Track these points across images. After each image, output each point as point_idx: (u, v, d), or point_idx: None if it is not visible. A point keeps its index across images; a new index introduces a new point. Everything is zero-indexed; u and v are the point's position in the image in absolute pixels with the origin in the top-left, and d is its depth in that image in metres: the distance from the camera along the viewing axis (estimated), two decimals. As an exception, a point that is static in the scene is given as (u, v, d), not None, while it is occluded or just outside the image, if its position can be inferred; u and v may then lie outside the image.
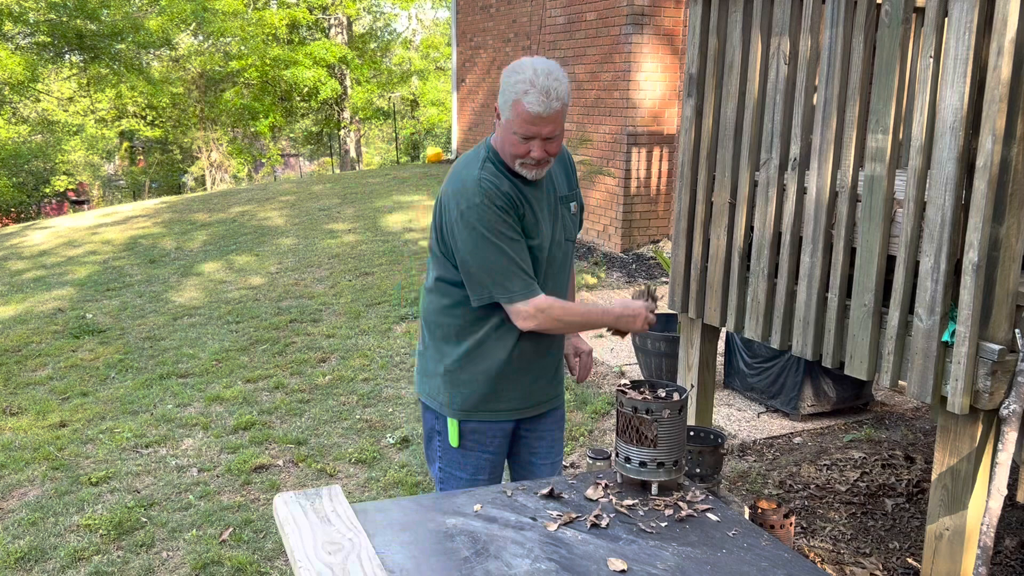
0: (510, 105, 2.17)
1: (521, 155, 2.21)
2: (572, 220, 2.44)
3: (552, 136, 2.20)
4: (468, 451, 2.44)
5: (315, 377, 5.50)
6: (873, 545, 3.40)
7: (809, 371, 4.48)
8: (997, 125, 2.30)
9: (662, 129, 8.11)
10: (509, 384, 2.39)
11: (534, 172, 2.25)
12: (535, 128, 2.16)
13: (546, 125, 2.16)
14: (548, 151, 2.21)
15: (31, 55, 17.88)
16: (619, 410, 2.15)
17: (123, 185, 25.71)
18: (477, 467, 2.46)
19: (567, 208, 2.41)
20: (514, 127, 2.18)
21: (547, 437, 2.57)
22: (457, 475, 2.47)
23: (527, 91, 2.13)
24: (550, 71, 2.17)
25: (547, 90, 2.14)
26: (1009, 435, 2.40)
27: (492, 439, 2.45)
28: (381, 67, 26.00)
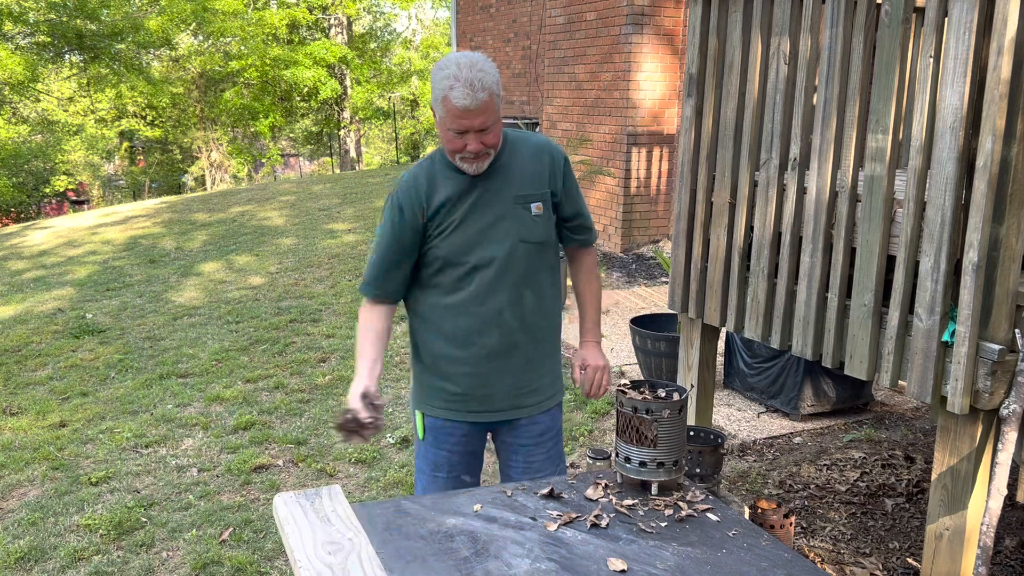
0: (439, 102, 2.17)
1: (458, 150, 2.21)
2: (533, 221, 2.32)
3: (486, 127, 2.17)
4: (429, 445, 2.47)
5: (315, 377, 5.50)
6: (873, 545, 3.40)
7: (809, 371, 4.48)
8: (997, 125, 2.30)
9: (662, 129, 8.12)
10: (455, 382, 2.38)
11: (474, 166, 2.23)
12: (466, 121, 2.15)
13: (476, 117, 2.14)
14: (484, 143, 2.19)
15: (31, 55, 17.88)
16: (619, 410, 2.15)
17: (123, 185, 25.72)
18: (436, 463, 2.47)
19: (526, 208, 2.31)
20: (447, 123, 2.17)
21: (522, 452, 2.47)
22: (421, 468, 2.52)
23: (452, 86, 2.12)
24: (474, 63, 2.14)
25: (471, 82, 2.11)
26: (1009, 435, 2.40)
27: (448, 436, 2.44)
28: (381, 67, 26.02)
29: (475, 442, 2.48)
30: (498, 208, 2.29)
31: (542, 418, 2.47)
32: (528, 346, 2.39)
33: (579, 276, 2.55)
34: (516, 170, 2.32)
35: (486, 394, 2.38)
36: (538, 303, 2.38)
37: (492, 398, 2.39)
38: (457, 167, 2.27)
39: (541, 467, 2.47)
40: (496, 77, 2.18)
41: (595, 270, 2.54)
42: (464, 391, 2.37)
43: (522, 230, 2.30)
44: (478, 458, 2.53)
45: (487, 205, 2.28)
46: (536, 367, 2.42)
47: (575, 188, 2.43)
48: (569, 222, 2.44)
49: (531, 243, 2.32)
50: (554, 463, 2.50)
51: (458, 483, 2.48)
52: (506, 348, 2.35)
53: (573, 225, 2.45)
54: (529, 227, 2.31)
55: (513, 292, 2.32)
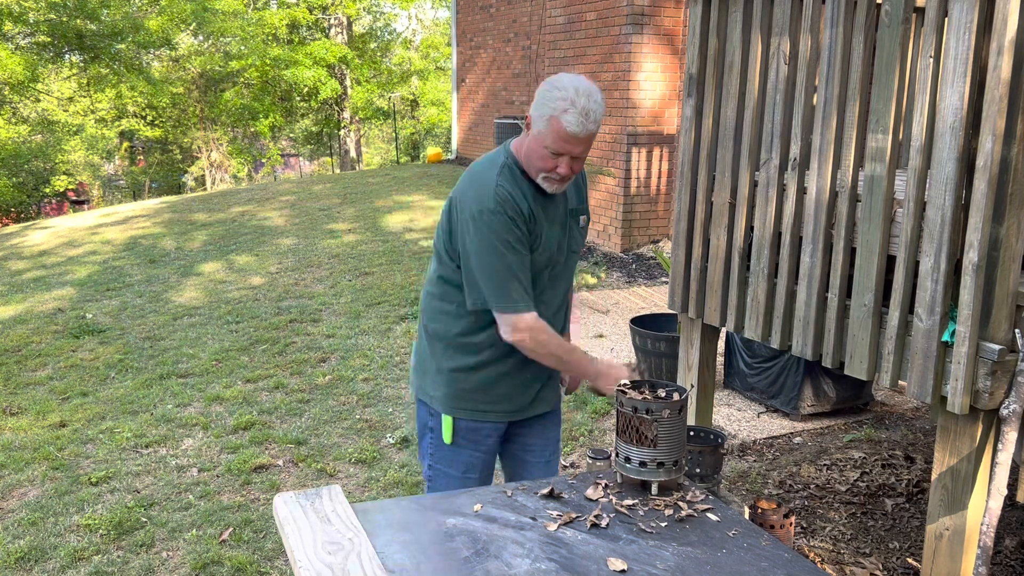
0: (546, 119, 2.17)
1: (547, 169, 2.23)
2: (580, 233, 2.46)
3: (580, 156, 2.22)
4: (460, 448, 2.45)
5: (315, 377, 5.50)
6: (873, 545, 3.40)
7: (809, 371, 4.48)
8: (997, 125, 2.30)
9: (662, 129, 8.12)
10: (507, 386, 2.41)
11: (555, 187, 2.28)
12: (568, 146, 2.18)
13: (578, 145, 2.19)
14: (573, 169, 2.24)
15: (31, 55, 17.89)
16: (619, 410, 2.15)
17: (123, 185, 25.73)
18: (469, 465, 2.47)
19: (576, 221, 2.44)
20: (546, 141, 2.19)
21: (542, 435, 2.58)
22: (448, 472, 2.49)
23: (567, 109, 2.14)
24: (591, 93, 2.17)
25: (587, 111, 2.15)
26: (1009, 435, 2.40)
27: (486, 438, 2.46)
28: (381, 67, 26.02)
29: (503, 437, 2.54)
30: (562, 221, 2.39)
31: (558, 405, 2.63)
32: None
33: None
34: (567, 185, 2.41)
35: (534, 397, 2.48)
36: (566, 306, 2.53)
37: (536, 400, 2.49)
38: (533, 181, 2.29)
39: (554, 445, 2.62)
40: (603, 111, 2.22)
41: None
42: (515, 394, 2.44)
43: (573, 242, 2.44)
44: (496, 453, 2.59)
45: (555, 219, 2.36)
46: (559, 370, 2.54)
47: None
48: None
49: (576, 253, 2.48)
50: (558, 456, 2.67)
51: (486, 482, 2.52)
52: None
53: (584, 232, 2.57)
54: (578, 239, 2.46)
55: (561, 298, 2.46)
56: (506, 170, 2.27)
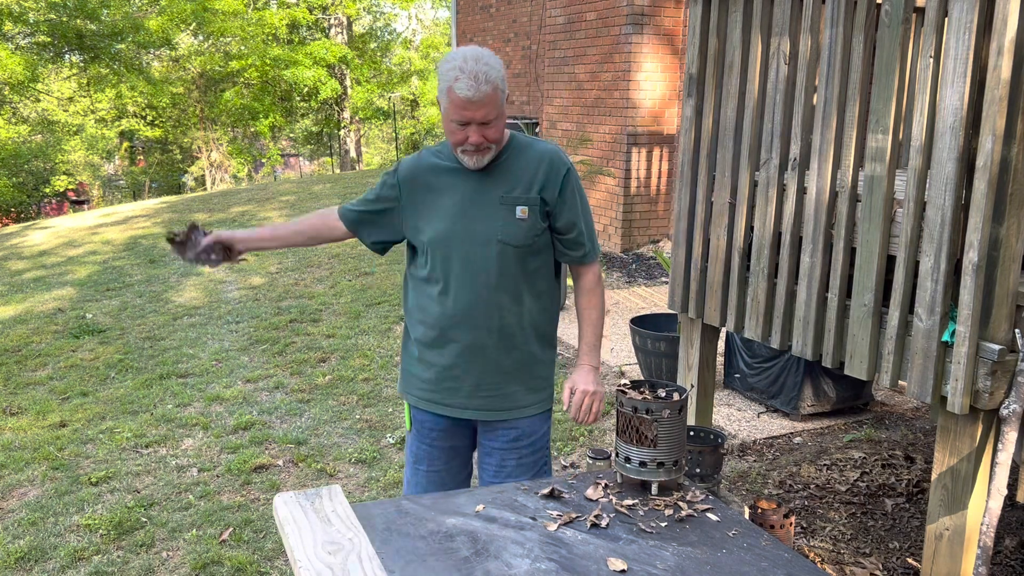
0: (444, 93, 2.21)
1: (460, 142, 2.25)
2: (515, 225, 2.30)
3: (488, 120, 2.21)
4: (413, 437, 2.53)
5: (315, 377, 5.50)
6: (873, 545, 3.40)
7: (809, 371, 4.48)
8: (997, 125, 2.30)
9: (662, 129, 8.11)
10: (423, 368, 2.44)
11: (473, 160, 2.27)
12: (468, 113, 2.19)
13: (479, 109, 2.18)
14: (486, 136, 2.23)
15: (31, 55, 17.89)
16: (619, 410, 2.15)
17: (123, 185, 25.72)
18: (417, 455, 2.52)
19: (510, 210, 2.30)
20: (450, 114, 2.22)
21: (495, 455, 2.45)
22: (408, 459, 2.57)
23: (457, 77, 2.16)
24: (479, 56, 2.19)
25: (475, 74, 2.16)
26: (1009, 435, 2.40)
27: (430, 431, 2.49)
28: (381, 67, 26.02)
29: (455, 438, 2.50)
30: (484, 206, 2.32)
31: (521, 424, 2.43)
32: (499, 350, 2.36)
33: (579, 295, 2.48)
34: (512, 172, 2.32)
35: (452, 387, 2.41)
36: (516, 310, 2.36)
37: (458, 393, 2.42)
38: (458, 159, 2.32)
39: (512, 473, 2.43)
40: (501, 73, 2.21)
41: (597, 291, 2.45)
42: (433, 380, 2.43)
43: (502, 231, 2.30)
44: (460, 456, 2.54)
45: (474, 201, 2.32)
46: (508, 373, 2.39)
47: (576, 201, 2.36)
48: (563, 234, 2.37)
49: (510, 245, 2.30)
50: (527, 471, 2.45)
51: (438, 478, 2.51)
52: (474, 347, 2.36)
53: (567, 239, 2.38)
54: (511, 230, 2.30)
55: (487, 292, 2.32)
56: (438, 145, 2.45)
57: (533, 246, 2.33)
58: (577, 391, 2.38)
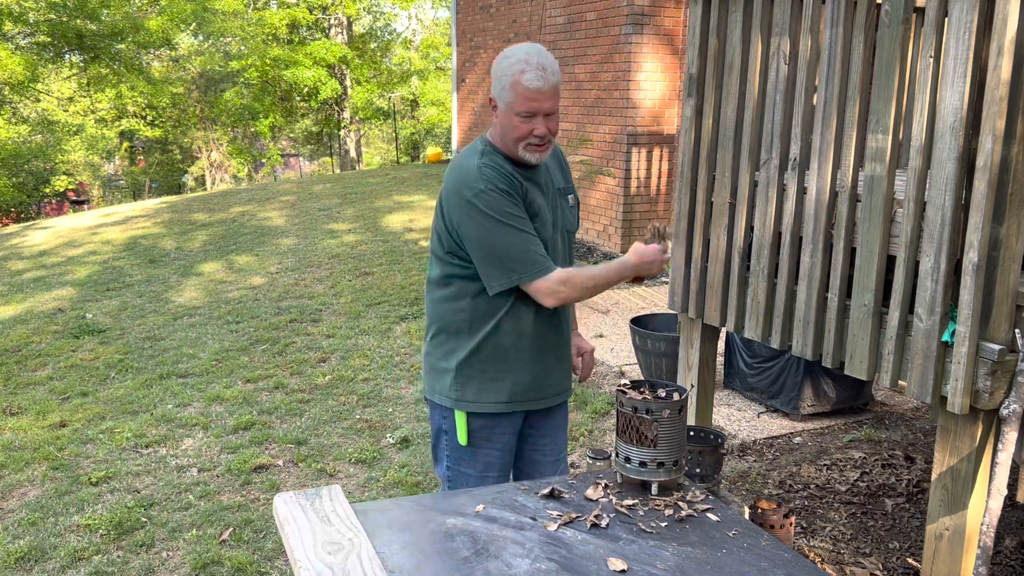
0: (508, 87, 2.22)
1: (524, 136, 2.24)
2: (571, 212, 2.47)
3: (551, 112, 2.25)
4: (477, 448, 2.44)
5: (315, 377, 5.50)
6: (873, 545, 3.40)
7: (809, 371, 4.48)
8: (997, 125, 2.30)
9: (662, 129, 8.11)
10: (522, 374, 2.41)
11: (538, 155, 2.28)
12: (536, 104, 2.21)
13: (546, 100, 2.22)
14: (550, 128, 2.26)
15: (31, 55, 17.88)
16: (619, 410, 2.15)
17: (123, 185, 25.72)
18: (487, 464, 2.46)
19: (565, 200, 2.45)
20: (515, 108, 2.22)
21: (552, 435, 2.58)
22: (466, 472, 2.46)
23: (523, 70, 2.19)
24: (540, 50, 2.24)
25: (543, 65, 2.20)
26: (1009, 435, 2.40)
27: (501, 435, 2.45)
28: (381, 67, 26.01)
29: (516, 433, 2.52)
30: (553, 201, 2.39)
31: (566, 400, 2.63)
32: (568, 333, 2.53)
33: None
34: (551, 166, 2.43)
35: (549, 379, 2.47)
36: None
37: (549, 385, 2.48)
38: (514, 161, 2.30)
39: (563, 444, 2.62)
40: (558, 66, 2.27)
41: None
42: (527, 379, 2.41)
43: (565, 220, 2.43)
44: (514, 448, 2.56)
45: (541, 197, 2.35)
46: (570, 344, 2.56)
47: None
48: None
49: (570, 232, 2.47)
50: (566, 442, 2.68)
51: (504, 479, 2.51)
52: (558, 337, 2.46)
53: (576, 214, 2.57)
54: (570, 218, 2.46)
55: None
56: (486, 155, 2.30)
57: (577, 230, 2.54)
58: (586, 353, 2.67)
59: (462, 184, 2.25)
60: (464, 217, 2.24)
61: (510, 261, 2.24)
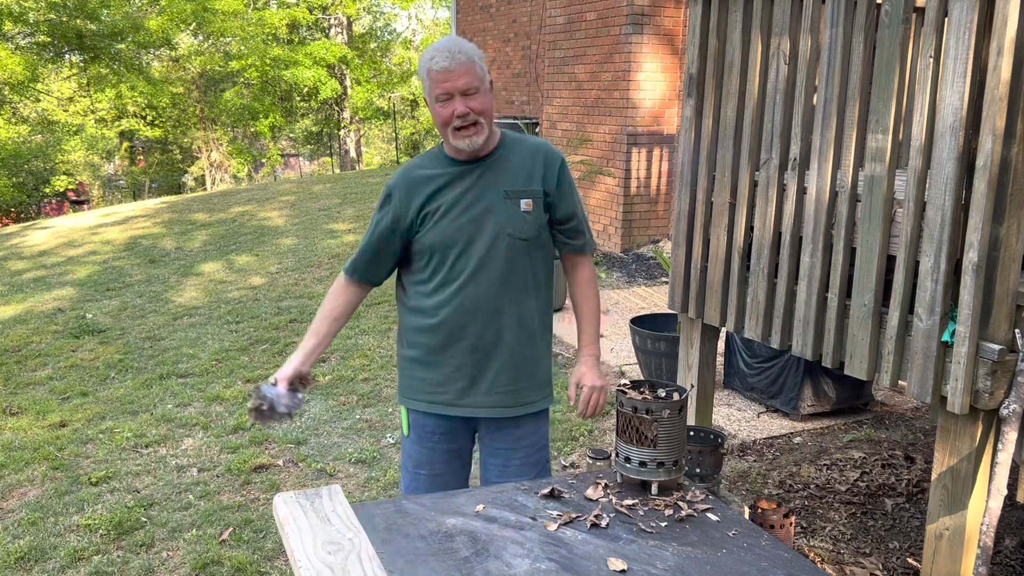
0: (424, 78, 2.26)
1: (447, 120, 2.25)
2: (522, 217, 2.33)
3: (469, 90, 2.23)
4: (413, 442, 2.49)
5: (315, 377, 5.51)
6: (873, 545, 3.40)
7: (809, 371, 4.48)
8: (997, 125, 2.30)
9: (662, 129, 8.11)
10: (435, 374, 2.40)
11: (467, 140, 2.26)
12: (448, 84, 2.21)
13: (458, 78, 2.21)
14: (472, 107, 2.23)
15: (31, 55, 17.88)
16: (619, 410, 2.15)
17: (123, 185, 25.70)
18: (418, 460, 2.48)
19: (514, 203, 2.33)
20: (433, 94, 2.25)
21: (500, 455, 2.46)
22: (405, 464, 2.53)
23: (432, 56, 2.23)
24: (452, 38, 2.28)
25: (448, 48, 2.23)
26: (1009, 435, 2.40)
27: (431, 434, 2.45)
28: (381, 67, 26.01)
29: (458, 440, 2.48)
30: (487, 201, 2.32)
31: (524, 423, 2.45)
32: (512, 345, 2.38)
33: (577, 287, 2.51)
34: (510, 166, 2.35)
35: (465, 387, 2.39)
36: (525, 303, 2.39)
37: (472, 392, 2.39)
38: (452, 157, 2.33)
39: (517, 472, 2.45)
40: (477, 52, 2.27)
41: (593, 282, 2.51)
42: (445, 382, 2.39)
43: (509, 225, 2.32)
44: (462, 457, 2.52)
45: (476, 197, 2.32)
46: (520, 368, 2.40)
47: (571, 191, 2.43)
48: (564, 224, 2.42)
49: (518, 239, 2.33)
50: (530, 471, 2.46)
51: (440, 482, 2.47)
52: (488, 342, 2.36)
53: (567, 228, 2.43)
54: (517, 223, 2.33)
55: (498, 287, 2.34)
56: (427, 152, 2.41)
57: (539, 238, 2.38)
58: (585, 387, 2.45)
59: None
60: None
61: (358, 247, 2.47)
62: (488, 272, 2.33)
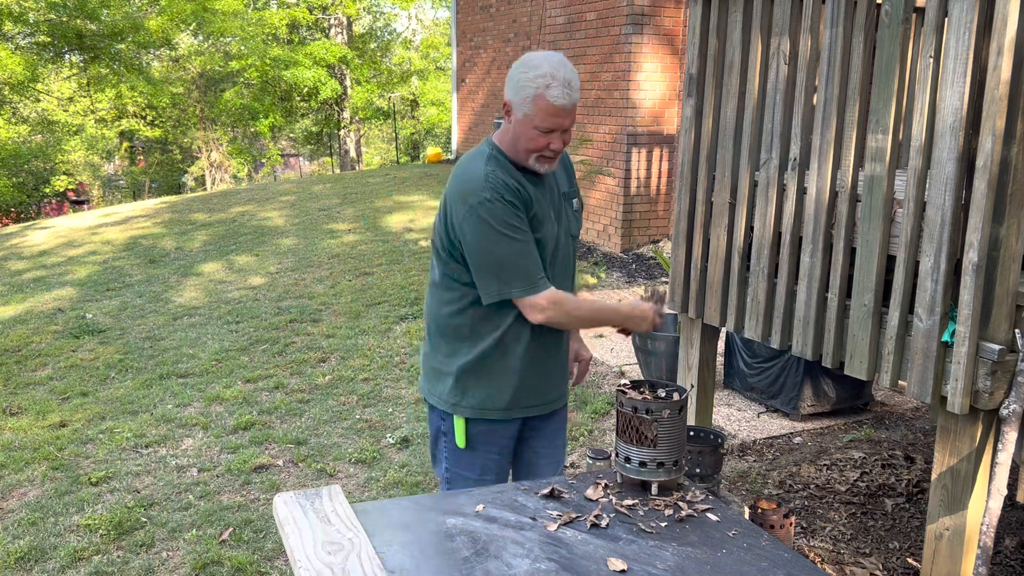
0: (531, 100, 2.17)
1: (540, 149, 2.23)
2: (575, 216, 2.45)
3: (569, 128, 2.25)
4: (475, 451, 2.42)
5: (315, 377, 5.50)
6: (873, 545, 3.40)
7: (809, 371, 4.48)
8: (997, 125, 2.30)
9: (662, 129, 8.11)
10: (523, 383, 2.38)
11: (547, 166, 2.28)
12: (559, 120, 2.19)
13: (568, 116, 2.21)
14: (565, 142, 2.26)
15: (31, 55, 17.88)
16: (619, 410, 2.15)
17: (123, 185, 25.70)
18: (484, 467, 2.45)
19: (569, 204, 2.43)
20: (535, 121, 2.19)
21: (550, 436, 2.56)
22: (464, 475, 2.45)
23: (549, 84, 2.14)
24: (565, 63, 2.20)
25: (568, 82, 2.17)
26: (1009, 435, 2.40)
27: (500, 439, 2.44)
28: (381, 67, 26.01)
29: (514, 437, 2.50)
30: (554, 205, 2.37)
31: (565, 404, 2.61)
32: (567, 336, 2.51)
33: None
34: (557, 169, 2.41)
35: (545, 387, 2.45)
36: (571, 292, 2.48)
37: (547, 391, 2.46)
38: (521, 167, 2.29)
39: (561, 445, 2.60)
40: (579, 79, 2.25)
41: None
42: (527, 387, 2.39)
43: (569, 225, 2.41)
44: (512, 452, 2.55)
45: (547, 203, 2.34)
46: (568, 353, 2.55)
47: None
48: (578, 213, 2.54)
49: (573, 237, 2.45)
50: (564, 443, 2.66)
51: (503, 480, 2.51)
52: (558, 342, 2.44)
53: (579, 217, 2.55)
54: (574, 223, 2.44)
55: (567, 287, 2.42)
56: (493, 160, 2.27)
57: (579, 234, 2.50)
58: (583, 360, 2.68)
59: (467, 190, 2.22)
60: (466, 223, 2.22)
61: (504, 273, 2.22)
62: (560, 273, 2.40)
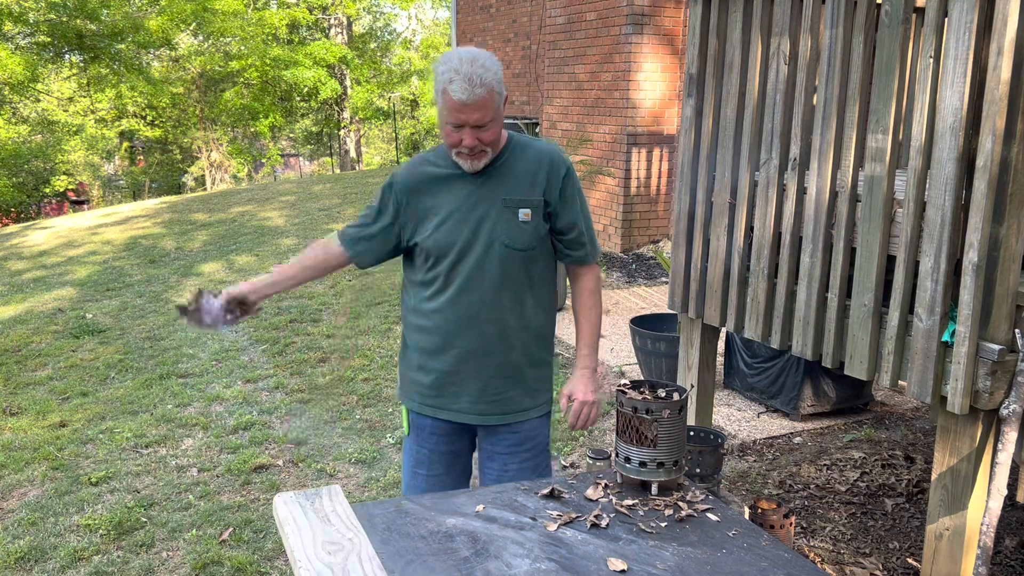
0: (440, 94, 2.19)
1: (454, 144, 2.22)
2: (519, 227, 2.28)
3: (482, 123, 2.18)
4: (412, 441, 2.51)
5: (315, 377, 5.50)
6: (873, 545, 3.40)
7: (809, 371, 4.48)
8: (997, 125, 2.30)
9: (662, 129, 8.11)
10: (425, 376, 2.41)
11: (469, 163, 2.25)
12: (463, 116, 2.16)
13: (473, 112, 2.15)
14: (481, 139, 2.20)
15: (31, 55, 17.88)
16: (619, 410, 2.15)
17: (123, 185, 25.71)
18: (417, 460, 2.49)
19: (513, 213, 2.28)
20: (444, 116, 2.20)
21: (497, 460, 2.45)
22: (405, 463, 2.55)
23: (452, 79, 2.14)
24: (475, 58, 2.15)
25: (470, 77, 2.13)
26: (1009, 435, 2.40)
27: (429, 435, 2.46)
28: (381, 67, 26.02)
29: (455, 442, 2.48)
30: (484, 209, 2.29)
31: (521, 428, 2.43)
32: (503, 354, 2.35)
33: (577, 297, 2.46)
34: (514, 173, 2.31)
35: (455, 393, 2.39)
36: (520, 312, 2.35)
37: (461, 398, 2.39)
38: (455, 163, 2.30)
39: (515, 476, 2.42)
40: (498, 75, 2.18)
41: (596, 292, 2.45)
42: (435, 387, 2.40)
43: (505, 234, 2.28)
44: (460, 459, 2.52)
45: (475, 204, 2.29)
46: (512, 376, 2.38)
47: (576, 200, 2.36)
48: (563, 235, 2.36)
49: (514, 249, 2.29)
50: (529, 474, 2.44)
51: (439, 482, 2.48)
52: (479, 351, 2.34)
53: (568, 239, 2.37)
54: (513, 232, 2.28)
55: (491, 296, 2.31)
56: (433, 150, 2.39)
57: (536, 249, 2.32)
58: (576, 400, 2.40)
59: None
60: None
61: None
62: (481, 281, 2.30)
